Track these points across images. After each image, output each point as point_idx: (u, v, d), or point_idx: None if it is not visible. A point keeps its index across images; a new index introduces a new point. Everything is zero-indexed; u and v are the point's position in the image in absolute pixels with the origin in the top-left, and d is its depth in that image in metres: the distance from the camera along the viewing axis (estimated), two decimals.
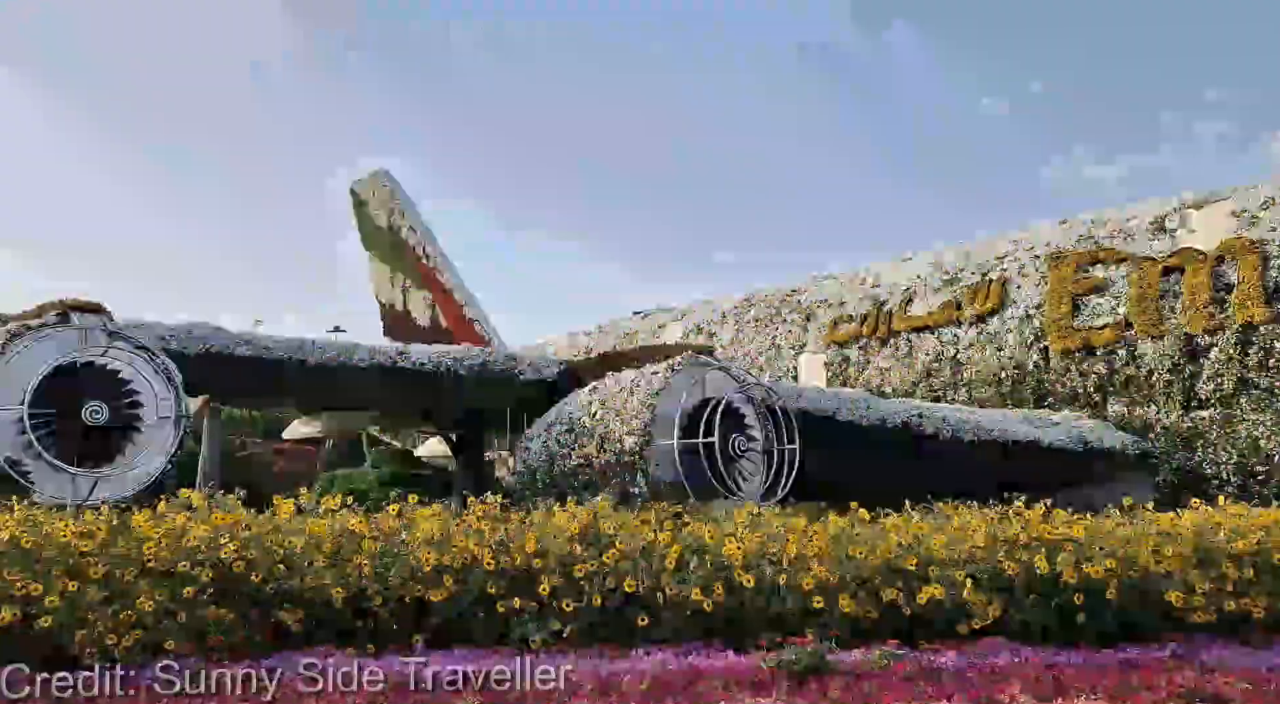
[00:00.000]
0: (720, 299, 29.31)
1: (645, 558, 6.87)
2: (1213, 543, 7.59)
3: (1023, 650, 6.02)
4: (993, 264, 21.34)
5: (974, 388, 20.61)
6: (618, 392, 13.88)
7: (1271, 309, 16.29)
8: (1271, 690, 4.88)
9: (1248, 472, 16.53)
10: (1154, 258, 18.26)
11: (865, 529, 7.84)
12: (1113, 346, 18.32)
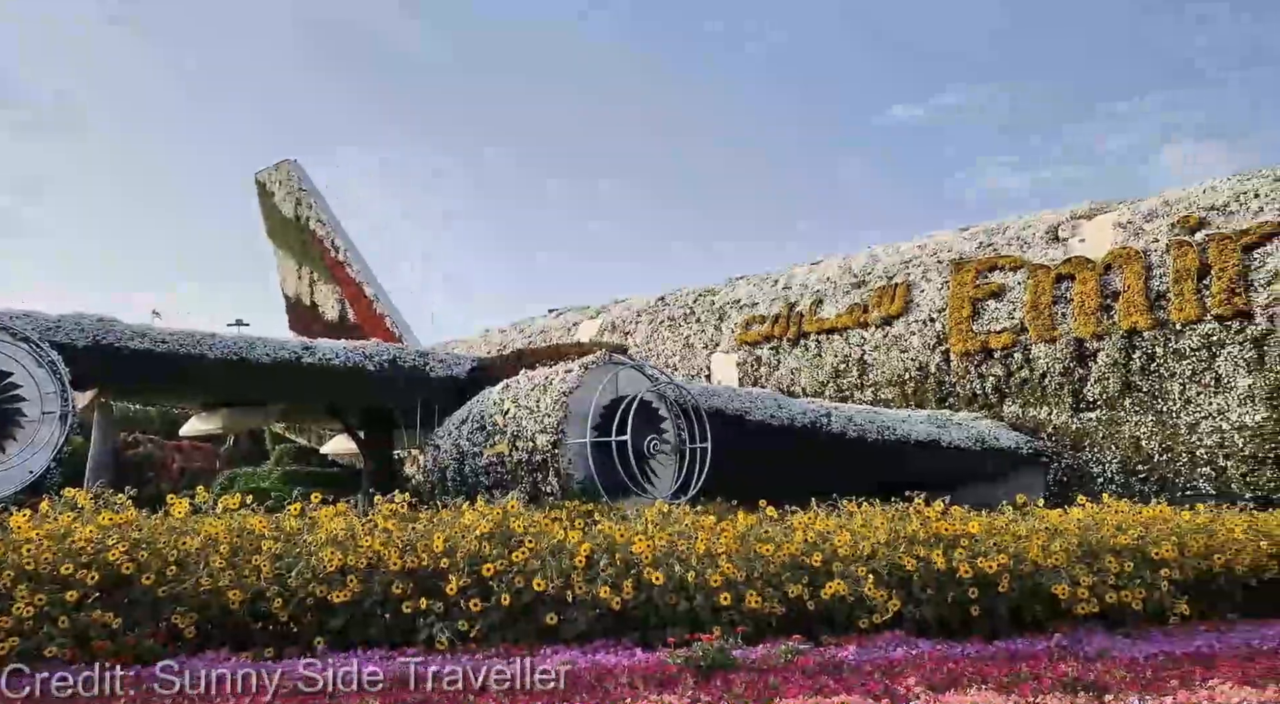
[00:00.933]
0: (635, 298, 29.43)
1: (555, 557, 6.84)
2: (1097, 538, 7.99)
3: (920, 643, 6.22)
4: (899, 269, 21.99)
5: (880, 388, 21.21)
6: (531, 389, 13.80)
7: (1153, 316, 17.23)
8: (1147, 678, 5.17)
9: (1130, 470, 17.45)
10: (1048, 265, 19.11)
11: (773, 527, 7.98)
12: (1009, 350, 19.10)
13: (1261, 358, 15.97)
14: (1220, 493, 15.74)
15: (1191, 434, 16.75)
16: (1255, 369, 16.03)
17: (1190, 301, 16.79)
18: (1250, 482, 15.81)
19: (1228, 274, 16.46)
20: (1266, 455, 15.75)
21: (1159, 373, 17.18)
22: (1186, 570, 8.08)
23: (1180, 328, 16.90)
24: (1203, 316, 16.63)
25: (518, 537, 7.04)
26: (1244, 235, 16.58)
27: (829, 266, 23.98)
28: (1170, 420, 17.03)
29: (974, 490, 15.89)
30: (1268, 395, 15.84)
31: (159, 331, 14.93)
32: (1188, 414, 16.84)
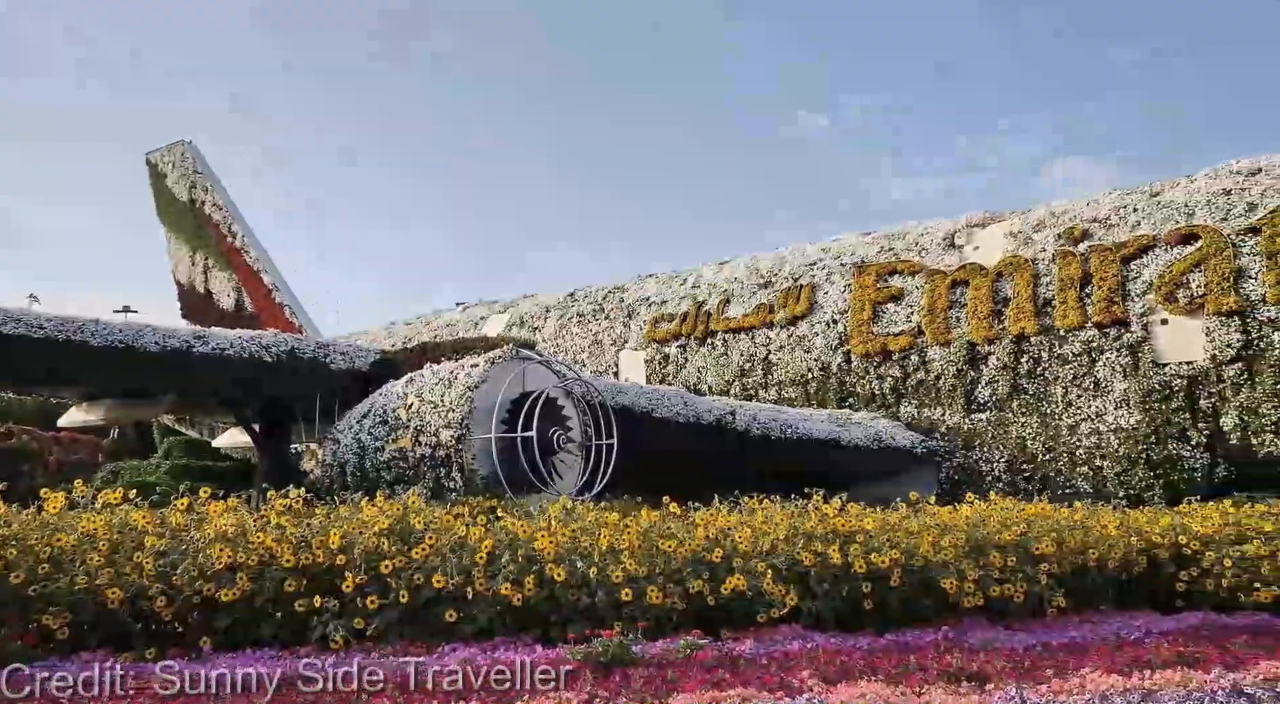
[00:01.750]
0: (544, 294, 29.28)
1: (456, 553, 6.75)
2: (983, 534, 8.33)
3: (815, 637, 6.38)
4: (804, 271, 22.48)
5: (784, 387, 21.64)
6: (435, 383, 13.57)
7: (1040, 322, 18.07)
8: (1025, 667, 5.43)
9: (1016, 469, 18.27)
10: (944, 271, 19.83)
11: (676, 523, 8.06)
12: (907, 352, 19.75)
13: (1136, 364, 16.93)
14: (1096, 491, 16.64)
15: (1072, 435, 17.64)
16: (1130, 374, 16.98)
17: (1073, 309, 17.68)
18: (1124, 481, 16.74)
19: (1107, 284, 17.39)
20: (1139, 456, 16.71)
21: (1044, 377, 18.03)
22: (1064, 565, 8.52)
23: (1064, 334, 17.77)
24: (1084, 323, 17.53)
25: (418, 533, 6.92)
26: (1122, 247, 17.54)
27: (737, 267, 24.33)
28: (1053, 422, 17.90)
29: (871, 487, 16.37)
30: (1141, 399, 16.80)
31: (36, 317, 14.09)
32: (1069, 416, 17.72)
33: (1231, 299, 15.93)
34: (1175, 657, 5.72)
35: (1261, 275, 15.78)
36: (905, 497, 10.10)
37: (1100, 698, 4.18)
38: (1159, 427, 16.60)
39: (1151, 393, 16.70)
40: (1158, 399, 16.65)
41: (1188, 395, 16.45)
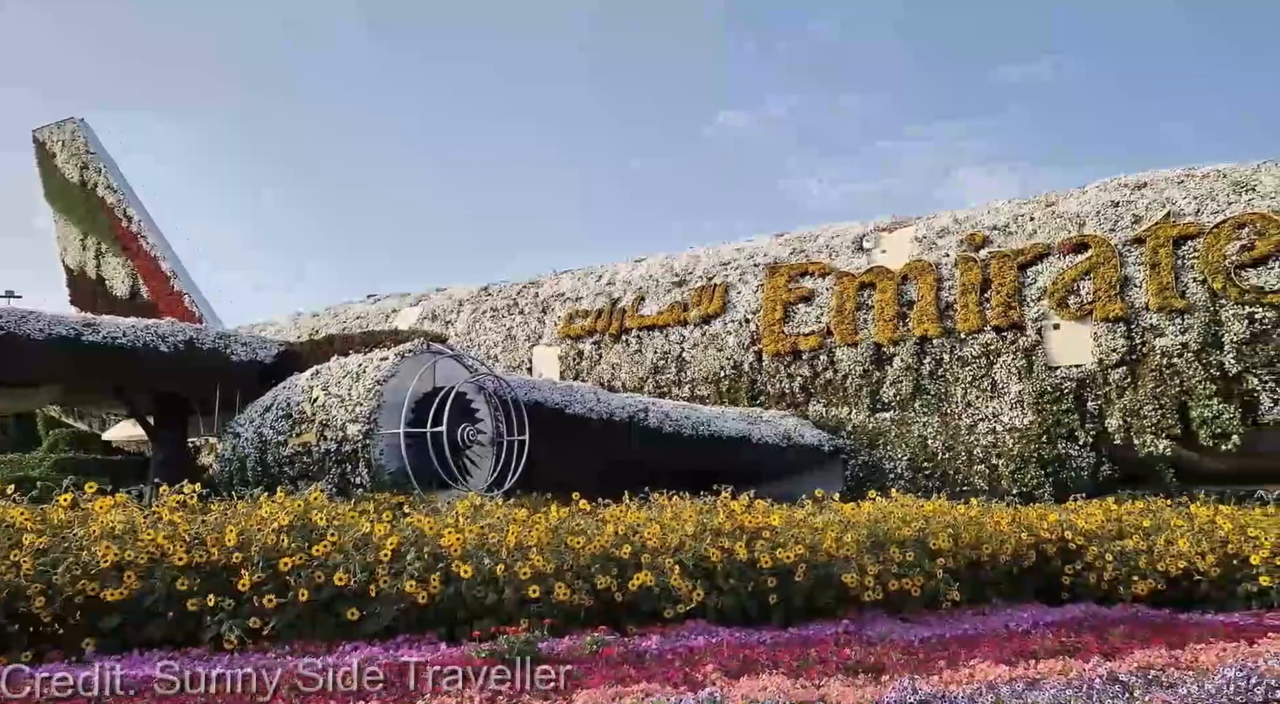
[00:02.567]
0: (457, 288, 28.90)
1: (360, 550, 6.61)
2: (884, 530, 8.59)
3: (720, 631, 6.47)
4: (718, 270, 22.75)
5: (697, 385, 21.86)
6: (343, 377, 13.25)
7: (942, 325, 18.71)
8: (920, 659, 5.61)
9: (918, 467, 18.87)
10: (853, 273, 20.34)
11: (585, 520, 8.06)
12: (816, 352, 20.18)
13: (1030, 366, 17.68)
14: (992, 489, 17.33)
15: (970, 435, 18.32)
16: (1025, 377, 17.73)
17: (973, 313, 18.36)
18: (1017, 479, 17.47)
19: (1005, 289, 18.11)
20: (1031, 455, 17.46)
21: (945, 378, 18.67)
22: (959, 560, 8.84)
23: (964, 337, 18.43)
24: (983, 327, 18.23)
25: (320, 529, 6.75)
26: (1020, 254, 18.30)
27: (652, 264, 24.46)
28: (953, 422, 18.56)
29: (780, 484, 16.69)
30: (1034, 401, 17.56)
31: None
32: (967, 416, 18.40)
33: (1117, 306, 16.79)
34: (1059, 647, 5.99)
35: (1145, 284, 16.67)
36: (812, 493, 10.33)
37: (987, 687, 4.36)
38: (1050, 427, 17.38)
39: (1044, 394, 17.47)
40: (1049, 400, 17.42)
41: (1076, 397, 17.27)
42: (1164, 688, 4.45)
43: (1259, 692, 4.22)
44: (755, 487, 11.20)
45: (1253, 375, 15.68)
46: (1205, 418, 15.93)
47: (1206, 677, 4.57)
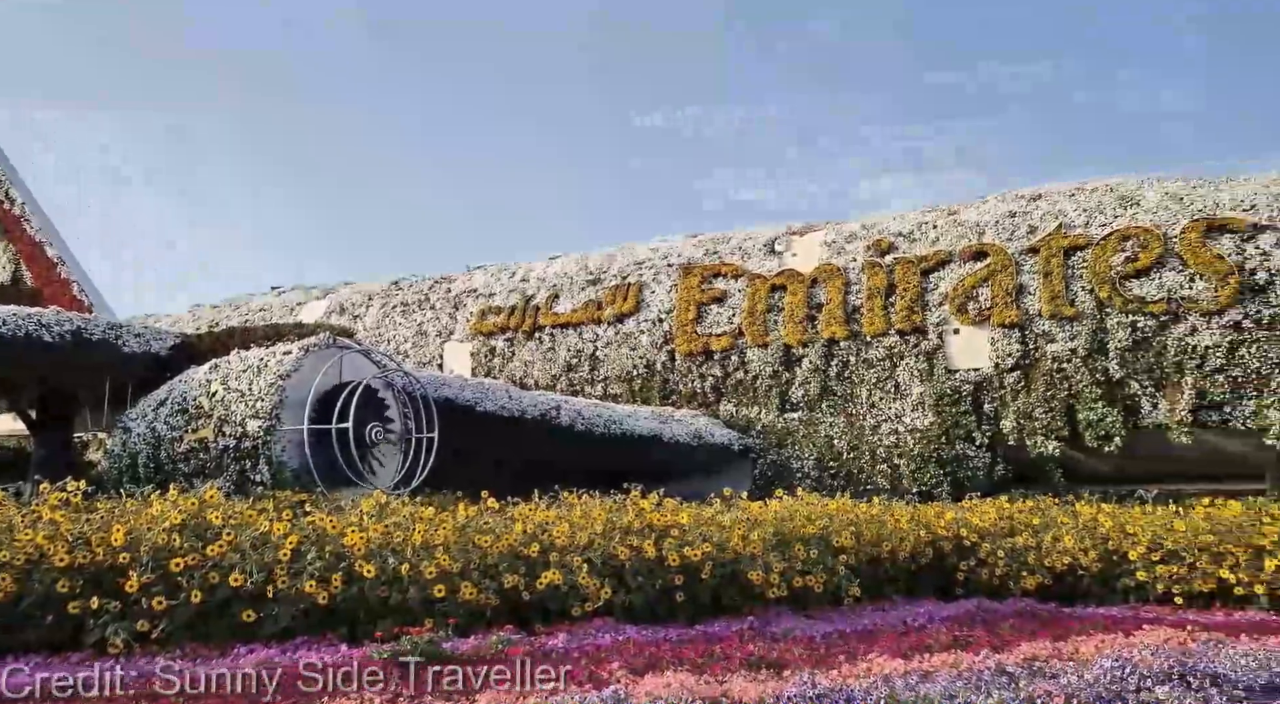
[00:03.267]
0: (366, 282, 28.28)
1: (258, 550, 6.40)
2: (789, 528, 8.76)
3: (627, 629, 6.49)
4: (632, 269, 22.84)
5: (610, 384, 21.90)
6: (243, 371, 12.80)
7: (849, 328, 19.20)
8: (821, 654, 5.75)
9: (824, 466, 19.31)
10: (764, 276, 20.69)
11: (494, 518, 7.99)
12: (728, 352, 20.46)
13: (931, 369, 18.30)
14: (893, 488, 17.87)
15: (874, 435, 18.85)
16: (926, 379, 18.33)
17: (879, 316, 18.89)
18: (917, 478, 18.05)
19: (909, 294, 18.70)
20: (931, 455, 18.06)
21: (851, 379, 19.17)
22: (861, 556, 9.08)
23: (870, 340, 18.96)
24: (888, 330, 18.78)
25: (215, 528, 6.51)
26: (923, 261, 18.92)
27: (567, 262, 24.40)
28: (858, 422, 19.06)
29: (691, 483, 16.86)
30: (934, 402, 18.18)
31: None
32: (872, 417, 18.92)
33: (1013, 313, 17.51)
34: (952, 640, 6.22)
35: (1038, 292, 17.44)
36: (721, 492, 10.47)
37: (883, 681, 4.49)
38: (949, 428, 18.01)
39: (943, 397, 18.09)
40: (948, 403, 18.06)
41: (974, 400, 17.94)
42: (1047, 678, 4.66)
43: (1132, 681, 4.46)
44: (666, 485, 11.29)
45: (1134, 381, 16.56)
46: (1091, 421, 16.75)
47: (1086, 667, 4.81)
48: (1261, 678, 4.73)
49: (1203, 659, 5.08)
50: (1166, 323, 16.24)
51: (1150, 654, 5.15)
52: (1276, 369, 15.45)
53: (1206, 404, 16.02)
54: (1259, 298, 15.67)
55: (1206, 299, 15.96)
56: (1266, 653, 5.36)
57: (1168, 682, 4.52)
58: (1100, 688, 4.33)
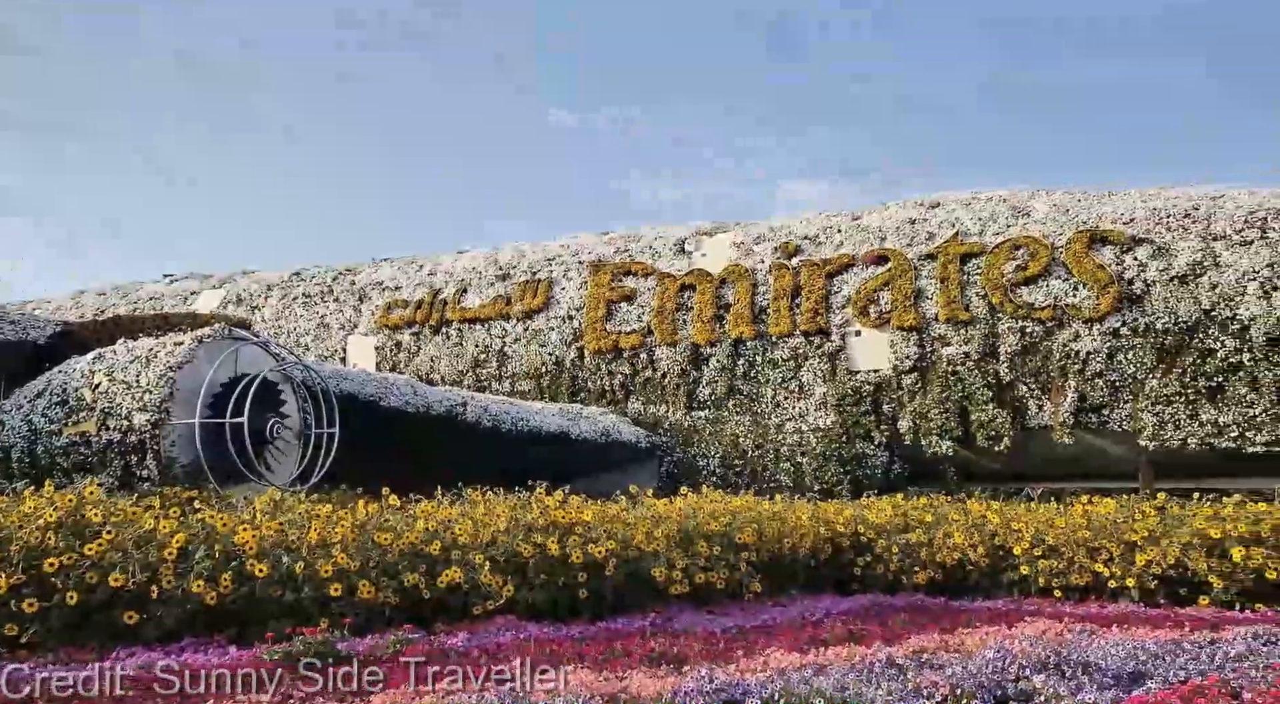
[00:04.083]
0: (266, 271, 27.38)
1: (142, 549, 6.13)
2: (693, 525, 8.86)
3: (529, 627, 6.46)
4: (543, 265, 22.73)
5: (518, 380, 21.75)
6: (130, 362, 12.24)
7: (756, 328, 19.53)
8: (720, 649, 5.84)
9: (729, 464, 19.60)
10: (674, 275, 20.87)
11: (395, 516, 7.85)
12: (637, 350, 20.56)
13: (834, 370, 18.77)
14: (796, 485, 18.27)
15: (778, 433, 19.23)
16: (829, 380, 18.80)
17: (784, 318, 19.28)
18: (819, 476, 18.50)
19: (814, 296, 19.14)
20: (832, 454, 18.54)
21: (757, 379, 19.51)
22: (763, 553, 9.26)
23: (776, 340, 19.33)
24: (793, 331, 19.18)
25: (95, 527, 6.20)
26: (828, 264, 19.40)
27: (476, 257, 24.12)
28: (763, 421, 19.41)
29: (598, 480, 16.88)
30: (836, 402, 18.66)
31: None
32: (776, 416, 19.30)
33: (911, 316, 18.11)
34: (847, 634, 6.39)
35: (935, 296, 18.08)
36: (628, 489, 10.52)
37: (779, 674, 4.59)
38: (850, 427, 18.52)
39: (845, 397, 18.59)
40: (850, 403, 18.56)
41: (874, 400, 18.49)
42: (934, 669, 4.84)
43: (1012, 670, 4.68)
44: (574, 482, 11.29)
45: (1022, 384, 17.34)
46: (982, 421, 17.47)
47: (970, 658, 5.01)
48: (1129, 666, 5.02)
49: (1076, 649, 5.36)
50: (1052, 329, 17.06)
51: (1029, 645, 5.40)
52: (1150, 375, 16.41)
53: (1087, 407, 16.90)
54: (1135, 307, 16.60)
55: (1088, 307, 16.82)
56: (1134, 643, 5.69)
57: (1044, 671, 4.75)
58: (983, 677, 4.52)
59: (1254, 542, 8.68)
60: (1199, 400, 16.15)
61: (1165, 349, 16.33)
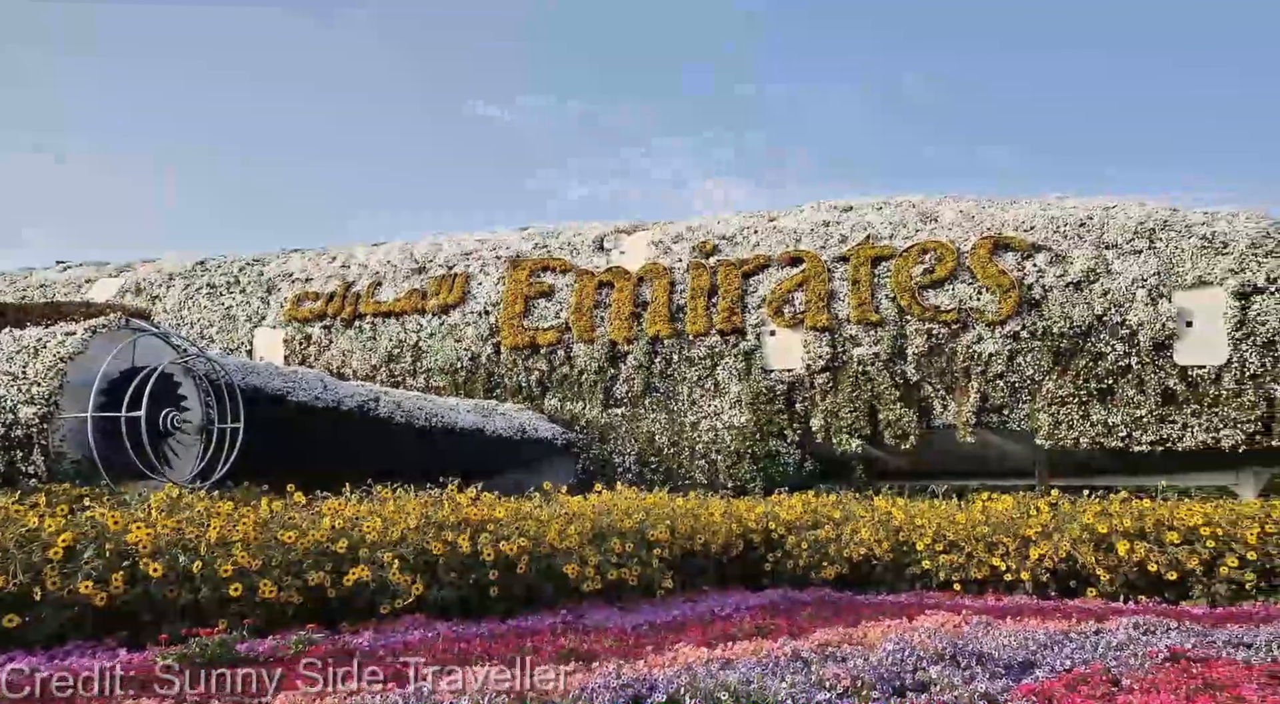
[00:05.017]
0: (168, 260, 26.33)
1: (25, 549, 5.83)
2: (607, 522, 8.87)
3: (438, 625, 6.38)
4: (459, 260, 22.43)
5: (433, 376, 21.43)
6: (16, 352, 11.64)
7: (673, 326, 19.67)
8: (630, 645, 5.86)
9: (645, 461, 19.70)
10: (592, 272, 20.86)
11: (300, 513, 7.65)
12: (554, 347, 20.48)
13: (749, 369, 19.05)
14: (710, 483, 18.47)
15: (694, 431, 19.41)
16: (744, 378, 19.06)
17: (701, 316, 19.48)
18: (732, 473, 18.75)
19: (730, 295, 19.38)
20: (745, 451, 18.81)
21: (674, 377, 19.65)
22: (675, 549, 9.34)
23: (692, 339, 19.51)
24: (710, 330, 19.39)
25: None
26: (744, 264, 19.66)
27: (391, 249, 23.67)
28: (679, 419, 19.57)
29: (514, 477, 16.77)
30: (751, 401, 18.94)
31: None
32: (692, 414, 19.48)
33: (824, 317, 18.51)
34: (755, 629, 6.49)
35: (847, 298, 18.51)
36: (543, 486, 10.48)
37: (686, 669, 4.64)
38: (763, 425, 18.82)
39: (759, 395, 18.88)
40: (764, 401, 18.86)
41: (787, 399, 18.83)
42: (837, 661, 4.96)
43: (910, 662, 4.83)
44: (489, 479, 11.20)
45: (928, 384, 17.90)
46: (890, 420, 17.97)
47: (872, 650, 5.15)
48: (1019, 655, 5.23)
49: (972, 640, 5.56)
50: (957, 331, 17.66)
51: (928, 637, 5.58)
52: (1047, 376, 17.13)
53: (988, 407, 17.55)
54: (1034, 311, 17.31)
55: (991, 310, 17.46)
56: (1025, 633, 5.93)
57: (940, 662, 4.91)
58: (883, 669, 4.65)
59: (1138, 536, 9.14)
60: (1090, 401, 16.93)
61: (1061, 352, 17.07)
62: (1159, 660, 5.04)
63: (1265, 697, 4.15)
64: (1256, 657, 5.25)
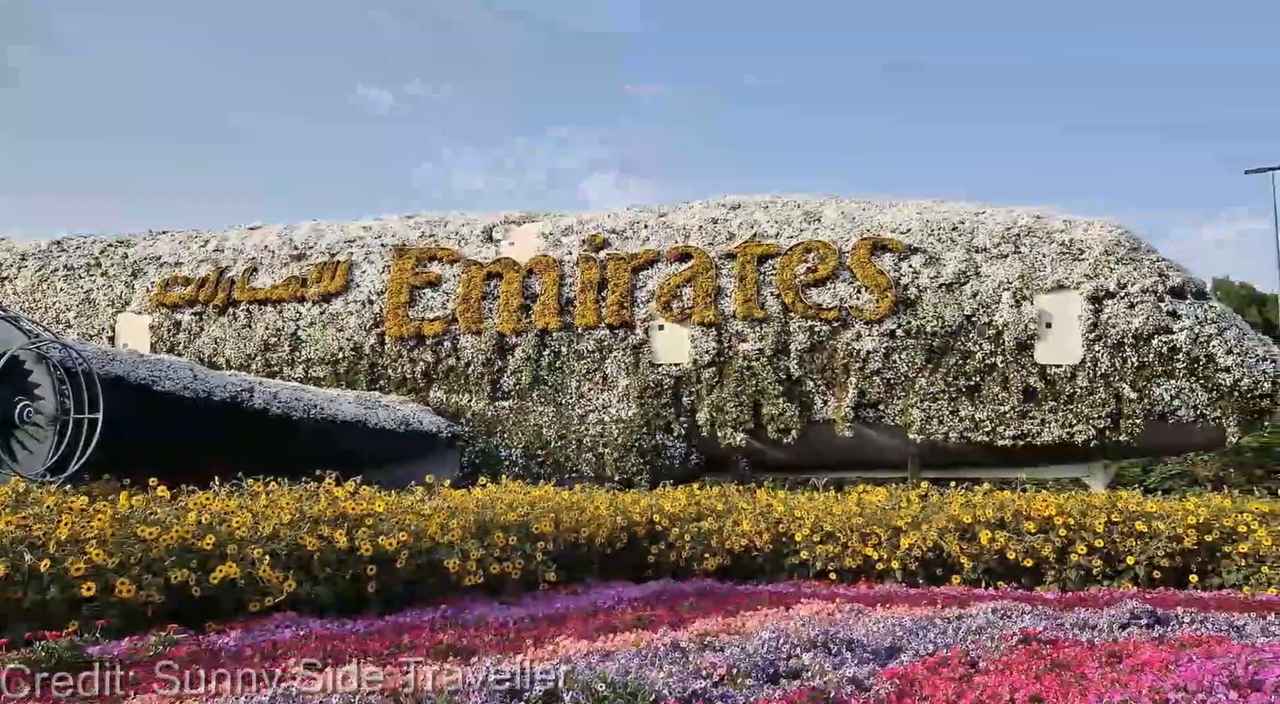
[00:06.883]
0: (20, 240, 24.57)
1: None
2: (491, 516, 8.79)
3: (311, 623, 6.19)
4: (342, 247, 21.73)
5: (312, 366, 20.71)
6: None
7: (562, 319, 19.61)
8: (510, 638, 5.83)
9: (531, 455, 19.58)
10: (481, 263, 20.56)
11: (164, 509, 7.28)
12: (440, 338, 20.10)
13: (637, 363, 19.17)
14: (597, 476, 18.50)
15: (581, 424, 19.41)
16: (632, 372, 19.17)
17: (590, 310, 19.48)
18: (620, 467, 18.84)
19: (620, 289, 19.45)
20: (633, 444, 18.93)
21: (562, 370, 19.59)
22: (560, 542, 9.34)
23: (581, 332, 19.48)
24: (599, 324, 19.41)
25: None
26: (634, 258, 19.76)
27: (268, 234, 22.72)
28: (567, 412, 19.52)
29: (397, 470, 16.37)
30: (638, 395, 19.07)
31: None
32: (580, 407, 19.47)
33: (711, 313, 18.80)
34: (636, 620, 6.56)
35: (734, 294, 18.85)
36: (426, 480, 10.29)
37: (565, 661, 4.65)
38: (650, 419, 18.98)
39: (647, 389, 19.03)
40: (651, 395, 19.02)
41: (674, 393, 19.04)
42: (715, 651, 5.06)
43: (785, 650, 4.97)
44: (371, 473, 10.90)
45: (810, 380, 18.43)
46: (773, 415, 18.40)
47: (749, 639, 5.28)
48: (887, 641, 5.46)
49: (844, 628, 5.77)
50: (837, 329, 18.23)
51: (802, 625, 5.76)
52: (920, 373, 17.89)
53: (865, 402, 18.19)
54: (909, 310, 18.04)
55: (869, 309, 18.10)
56: (894, 620, 6.19)
57: (813, 649, 5.08)
58: (758, 657, 4.77)
59: (999, 526, 9.67)
60: (959, 398, 17.78)
61: (933, 350, 17.85)
62: (1013, 643, 5.35)
63: (1105, 674, 4.46)
64: (1100, 638, 5.63)
